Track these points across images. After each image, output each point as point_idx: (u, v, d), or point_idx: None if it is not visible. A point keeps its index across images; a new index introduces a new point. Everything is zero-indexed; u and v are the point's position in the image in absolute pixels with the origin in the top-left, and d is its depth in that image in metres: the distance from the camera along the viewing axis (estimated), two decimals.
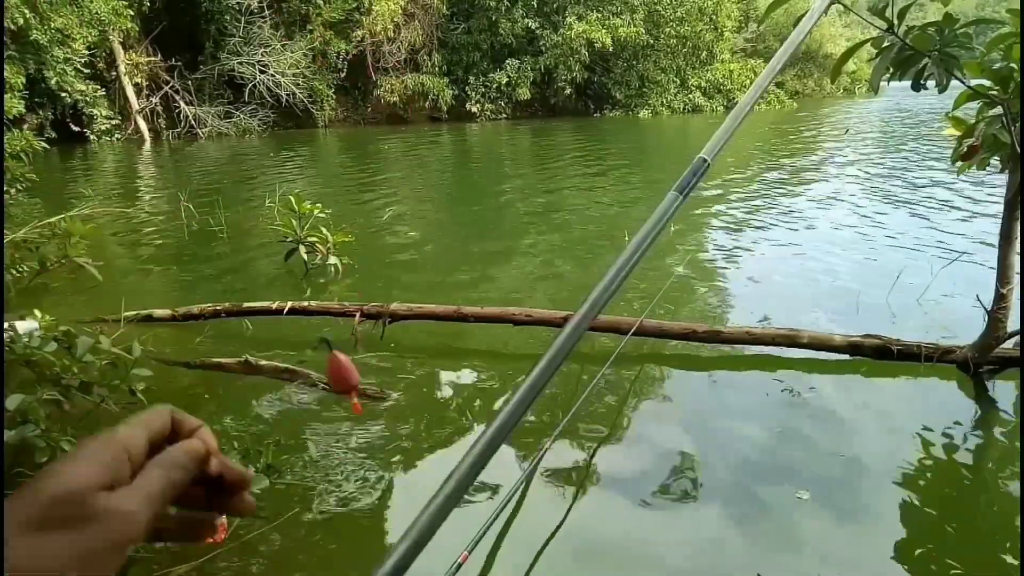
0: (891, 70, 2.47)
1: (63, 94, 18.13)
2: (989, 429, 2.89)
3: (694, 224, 6.94)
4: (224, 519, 0.46)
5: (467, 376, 3.43)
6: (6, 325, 2.15)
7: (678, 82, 28.15)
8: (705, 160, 1.07)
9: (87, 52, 18.48)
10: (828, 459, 2.63)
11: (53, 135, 17.64)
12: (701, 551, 2.17)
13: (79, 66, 18.25)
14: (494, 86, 26.23)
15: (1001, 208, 2.92)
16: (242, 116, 22.34)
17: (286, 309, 4.00)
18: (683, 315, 4.21)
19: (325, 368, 0.75)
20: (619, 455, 2.69)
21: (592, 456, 2.67)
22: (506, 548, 2.14)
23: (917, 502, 2.35)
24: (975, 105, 2.63)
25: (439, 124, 25.83)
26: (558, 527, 2.24)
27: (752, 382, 3.29)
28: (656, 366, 3.49)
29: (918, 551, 2.13)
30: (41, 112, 18.50)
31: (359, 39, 23.91)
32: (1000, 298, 2.91)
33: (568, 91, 26.87)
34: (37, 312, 2.71)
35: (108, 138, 19.76)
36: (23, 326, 2.55)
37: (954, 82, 2.47)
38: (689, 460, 2.68)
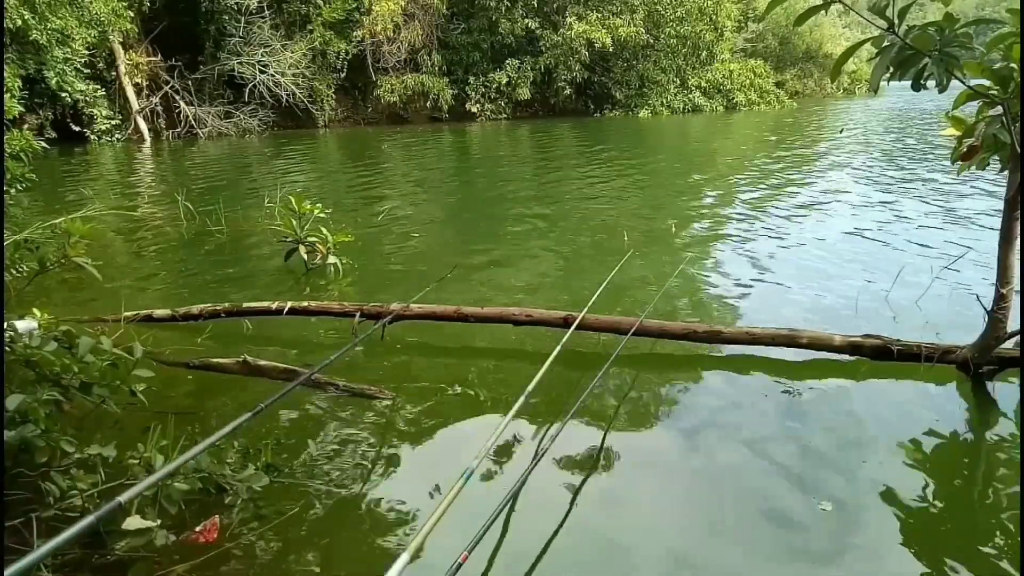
0: (891, 70, 2.47)
1: (63, 94, 18.07)
2: (989, 430, 2.89)
3: (694, 225, 6.94)
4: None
5: (467, 376, 3.42)
6: (6, 325, 2.15)
7: (678, 82, 28.11)
8: None
9: (87, 52, 18.44)
10: (831, 461, 2.62)
11: (53, 135, 17.63)
12: (707, 558, 2.17)
13: (79, 66, 18.21)
14: (494, 86, 26.18)
15: (1001, 208, 2.92)
16: (242, 116, 22.29)
17: (286, 309, 4.01)
18: (683, 315, 4.21)
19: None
20: (619, 456, 2.69)
21: (592, 457, 2.67)
22: (506, 548, 2.14)
23: (918, 504, 2.35)
24: (975, 105, 2.62)
25: (439, 124, 25.80)
26: (558, 528, 2.24)
27: (752, 382, 3.28)
28: (656, 366, 3.49)
29: (919, 552, 2.13)
30: (41, 112, 18.46)
31: (359, 39, 23.87)
32: (1000, 298, 2.91)
33: (568, 91, 26.83)
34: (37, 311, 2.71)
35: (108, 138, 19.72)
36: (23, 326, 2.55)
37: (954, 82, 2.47)
38: (691, 462, 2.68)
